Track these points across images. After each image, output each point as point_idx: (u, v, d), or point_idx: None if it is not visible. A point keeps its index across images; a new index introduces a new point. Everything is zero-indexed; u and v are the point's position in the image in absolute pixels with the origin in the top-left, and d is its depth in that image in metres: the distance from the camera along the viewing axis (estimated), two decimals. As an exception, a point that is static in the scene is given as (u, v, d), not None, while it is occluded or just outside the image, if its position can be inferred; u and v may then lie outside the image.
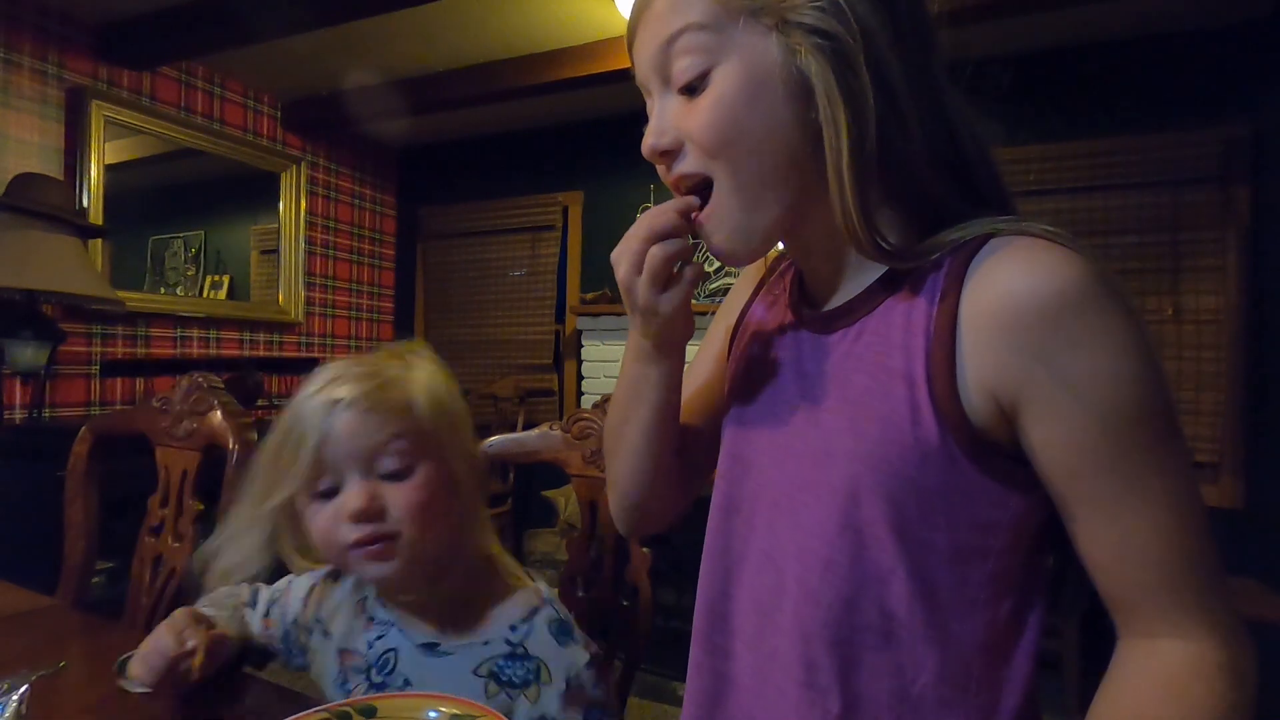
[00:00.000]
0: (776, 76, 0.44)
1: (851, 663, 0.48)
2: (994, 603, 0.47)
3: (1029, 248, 0.43)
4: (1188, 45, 2.43)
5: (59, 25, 2.44)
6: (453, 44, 2.69)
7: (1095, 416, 0.42)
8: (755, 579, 0.53)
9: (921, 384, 0.45)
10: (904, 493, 0.45)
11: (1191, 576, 0.43)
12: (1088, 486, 0.43)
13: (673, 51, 0.46)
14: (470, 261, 3.76)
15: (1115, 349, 0.42)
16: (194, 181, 3.07)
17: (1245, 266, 2.34)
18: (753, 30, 0.45)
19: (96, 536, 1.10)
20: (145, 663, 0.65)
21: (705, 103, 0.46)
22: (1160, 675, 0.43)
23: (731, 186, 0.47)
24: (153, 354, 2.79)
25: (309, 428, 0.60)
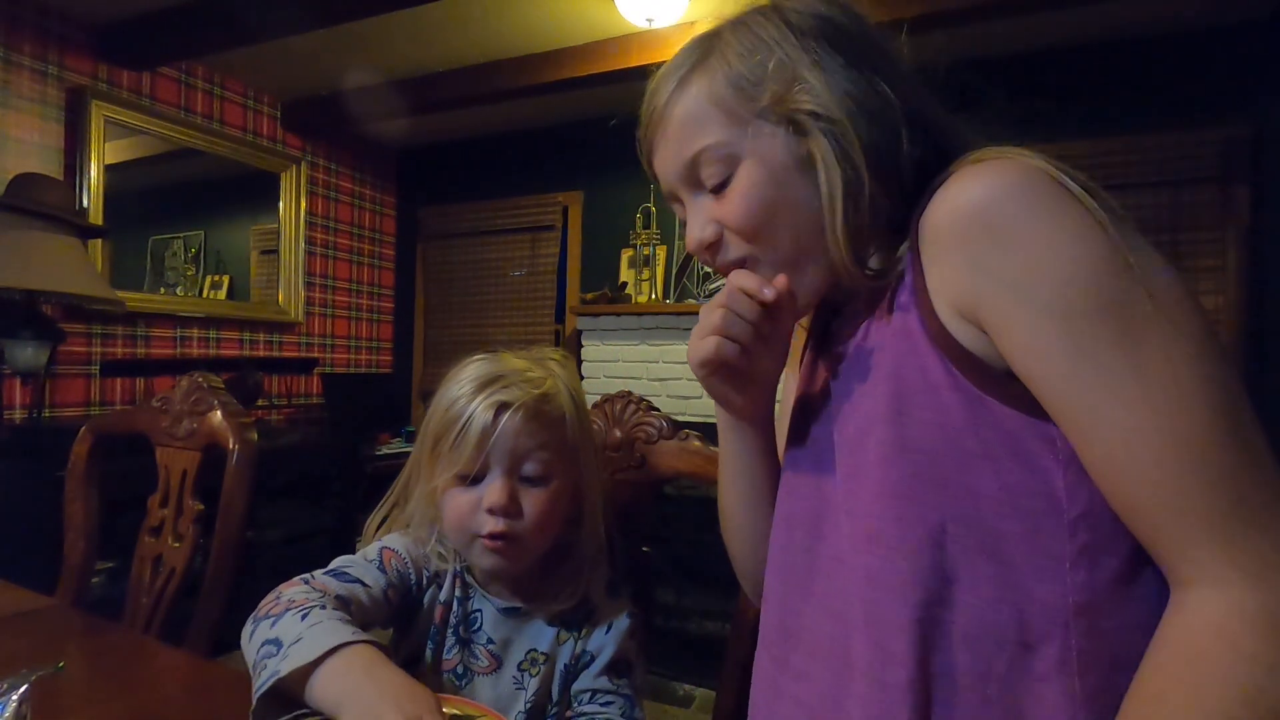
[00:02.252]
0: (790, 162, 0.50)
1: (925, 645, 0.44)
2: (1086, 561, 0.41)
3: (962, 172, 0.44)
4: (1188, 45, 2.43)
5: (59, 25, 2.44)
6: (453, 44, 2.69)
7: (1041, 312, 0.39)
8: (827, 585, 0.51)
9: (917, 330, 0.46)
10: (932, 439, 0.44)
11: (1207, 498, 0.36)
12: (1060, 396, 0.40)
13: (699, 162, 0.52)
14: (470, 261, 3.76)
15: (1047, 237, 0.40)
16: (194, 181, 3.07)
17: (1245, 266, 2.34)
18: (762, 129, 0.50)
19: (96, 536, 1.10)
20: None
21: (735, 196, 0.51)
22: (1180, 639, 0.37)
23: (773, 261, 0.52)
24: (153, 354, 2.79)
25: (475, 423, 0.65)
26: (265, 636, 0.57)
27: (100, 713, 0.65)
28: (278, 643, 0.56)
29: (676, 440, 0.86)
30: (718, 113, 0.51)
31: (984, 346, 0.43)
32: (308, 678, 0.54)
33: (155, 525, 1.04)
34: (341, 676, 0.54)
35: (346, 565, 0.69)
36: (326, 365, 3.54)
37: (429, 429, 0.69)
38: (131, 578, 1.03)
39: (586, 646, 0.72)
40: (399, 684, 0.53)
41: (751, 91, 0.50)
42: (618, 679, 0.71)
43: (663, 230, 3.23)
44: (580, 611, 0.73)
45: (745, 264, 0.53)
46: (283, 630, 0.57)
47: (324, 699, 0.53)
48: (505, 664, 0.70)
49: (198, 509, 1.01)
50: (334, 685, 0.53)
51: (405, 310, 3.95)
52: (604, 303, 3.18)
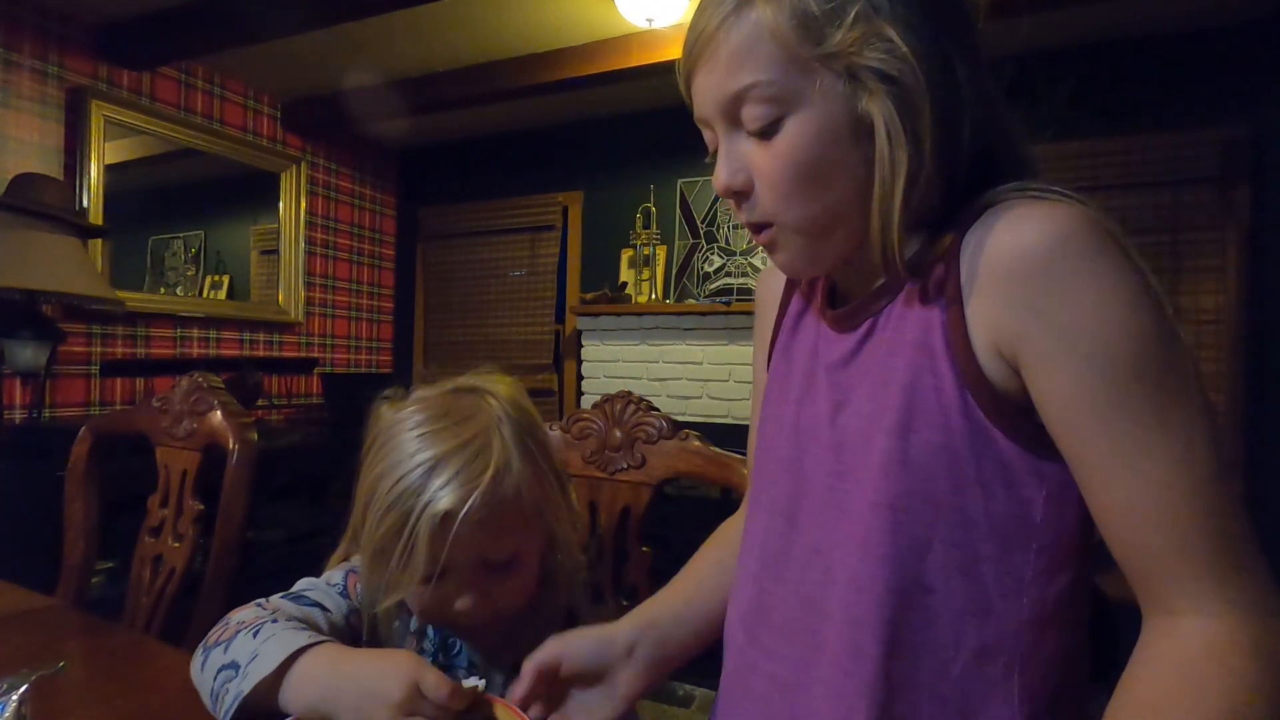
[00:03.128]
0: (844, 122, 0.45)
1: (895, 645, 0.47)
2: (1043, 582, 0.46)
3: (1019, 205, 0.44)
4: (1188, 45, 2.43)
5: (59, 25, 2.45)
6: (453, 44, 2.69)
7: (1087, 364, 0.41)
8: (802, 575, 0.53)
9: (940, 350, 0.46)
10: (934, 460, 0.45)
11: (1207, 543, 0.40)
12: (1087, 441, 0.42)
13: (742, 103, 0.47)
14: (470, 261, 3.76)
15: (1105, 295, 0.41)
16: (194, 181, 3.07)
17: (1245, 266, 2.34)
18: (822, 78, 0.45)
19: (96, 536, 1.10)
20: None
21: (780, 150, 0.46)
22: (1175, 658, 0.41)
23: (803, 225, 0.49)
24: (153, 354, 2.79)
25: (422, 542, 0.56)
26: (220, 663, 0.56)
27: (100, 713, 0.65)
28: (234, 665, 0.54)
29: (676, 440, 0.86)
30: (776, 48, 0.45)
31: (1005, 381, 0.45)
32: (275, 692, 0.53)
33: (155, 525, 1.04)
34: (312, 681, 0.53)
35: (307, 588, 0.66)
36: (326, 365, 3.54)
37: (371, 532, 0.60)
38: (131, 578, 1.03)
39: None
40: (375, 665, 0.53)
41: (820, 33, 0.44)
42: None
43: (663, 230, 3.24)
44: (567, 622, 0.69)
45: (769, 227, 0.50)
46: (236, 651, 0.55)
47: (304, 704, 0.53)
48: (490, 681, 0.66)
49: (198, 509, 1.01)
50: (308, 690, 0.53)
51: (405, 310, 3.96)
52: (604, 303, 3.18)
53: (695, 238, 3.20)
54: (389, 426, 0.62)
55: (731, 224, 3.13)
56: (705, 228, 3.18)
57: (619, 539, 0.89)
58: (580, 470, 0.92)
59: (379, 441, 0.63)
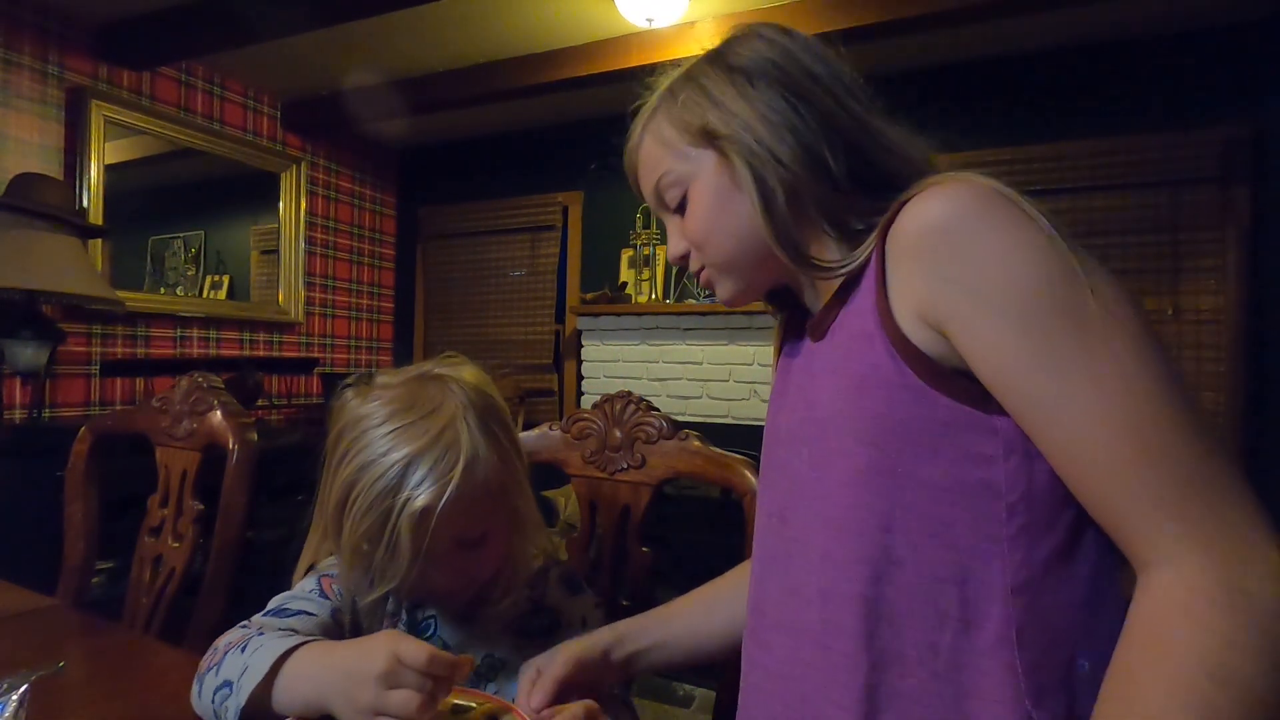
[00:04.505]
0: (724, 182, 0.57)
1: (875, 620, 0.48)
2: (1025, 543, 0.45)
3: (923, 193, 0.48)
4: (1188, 45, 2.43)
5: (59, 25, 2.44)
6: (453, 44, 2.69)
7: (1000, 317, 0.43)
8: (787, 565, 0.56)
9: (876, 332, 0.50)
10: (882, 432, 0.48)
11: (1159, 480, 0.39)
12: (1019, 393, 0.43)
13: (660, 191, 0.62)
14: (470, 261, 3.76)
15: (1004, 250, 0.43)
16: (194, 181, 3.07)
17: (1245, 266, 2.34)
18: (697, 154, 0.59)
19: (96, 536, 1.10)
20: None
21: (691, 215, 0.60)
22: (1143, 616, 0.40)
23: (724, 266, 0.61)
24: (153, 354, 2.79)
25: (405, 536, 0.59)
26: (214, 685, 0.57)
27: (100, 713, 0.65)
28: (228, 684, 0.56)
29: (676, 440, 0.86)
30: (667, 149, 0.60)
31: (936, 347, 0.47)
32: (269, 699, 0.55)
33: (155, 525, 1.04)
34: (302, 678, 0.55)
35: (285, 602, 0.68)
36: (326, 365, 3.54)
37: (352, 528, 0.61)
38: (131, 578, 1.03)
39: None
40: (357, 647, 0.55)
41: (686, 125, 0.58)
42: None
43: (662, 230, 3.23)
44: (541, 617, 0.72)
45: (703, 273, 0.62)
46: (228, 670, 0.57)
47: (299, 703, 0.55)
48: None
49: (198, 509, 1.01)
50: (300, 687, 0.55)
51: (405, 310, 3.95)
52: (604, 303, 3.18)
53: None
54: (357, 421, 0.64)
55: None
56: (705, 228, 3.17)
57: (619, 539, 0.89)
58: (580, 470, 0.92)
59: (348, 437, 0.64)
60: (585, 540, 0.92)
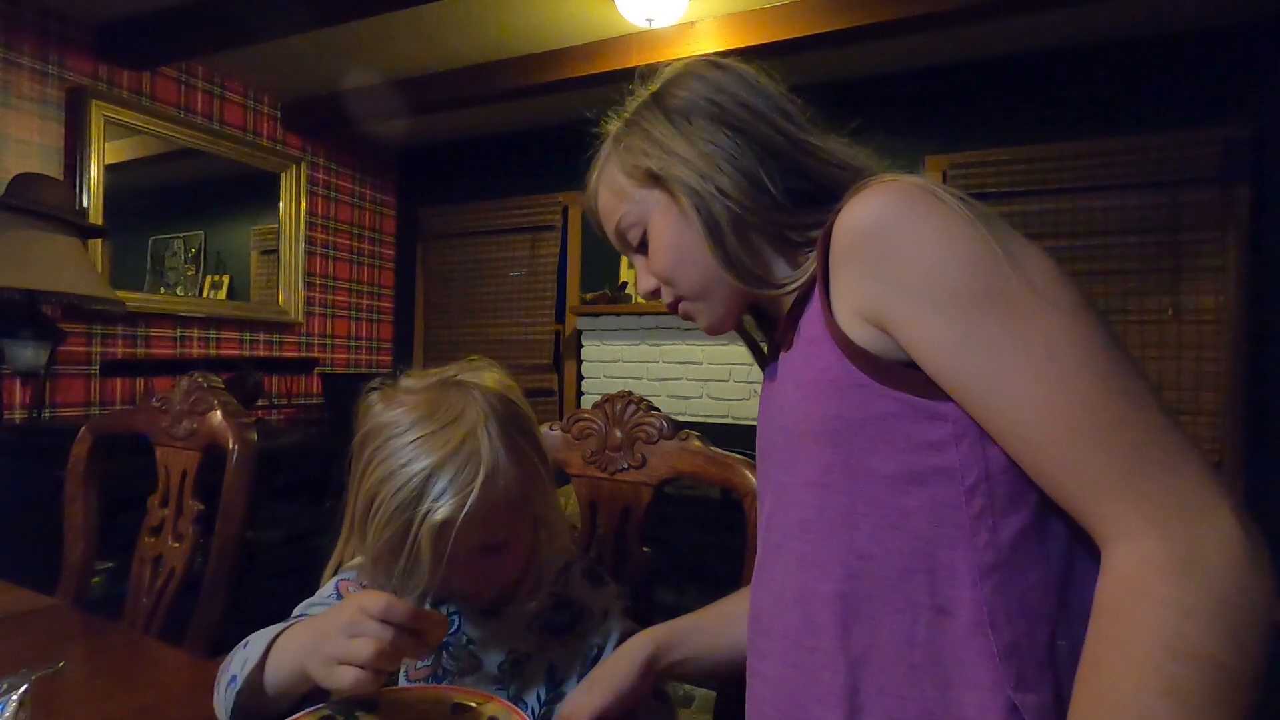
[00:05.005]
0: (674, 214, 0.60)
1: (850, 616, 0.49)
2: (988, 526, 0.45)
3: (858, 192, 0.49)
4: (1188, 45, 2.43)
5: (59, 25, 2.44)
6: (453, 44, 2.69)
7: (930, 306, 0.44)
8: (771, 572, 0.57)
9: (822, 334, 0.51)
10: (837, 430, 0.50)
11: (1103, 455, 0.39)
12: (959, 378, 0.44)
13: (620, 232, 0.65)
14: (470, 261, 3.76)
15: (927, 241, 0.44)
16: (194, 181, 3.07)
17: (1245, 266, 2.34)
18: (648, 194, 0.62)
19: (96, 536, 1.10)
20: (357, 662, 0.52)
21: (654, 253, 0.63)
22: (1104, 596, 0.39)
23: (695, 295, 0.63)
24: (153, 354, 2.79)
25: (427, 548, 0.60)
26: (224, 682, 0.61)
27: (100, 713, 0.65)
28: (234, 678, 0.60)
29: (676, 440, 0.86)
30: (619, 196, 0.64)
31: (880, 344, 0.48)
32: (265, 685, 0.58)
33: (155, 525, 1.04)
34: (286, 652, 0.58)
35: (304, 610, 0.69)
36: (326, 365, 3.54)
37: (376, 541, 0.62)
38: (131, 578, 1.03)
39: (595, 639, 0.72)
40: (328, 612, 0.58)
41: (632, 169, 0.62)
42: None
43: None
44: (564, 612, 0.73)
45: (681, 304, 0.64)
46: (233, 667, 0.61)
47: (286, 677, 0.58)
48: (485, 665, 0.69)
49: (198, 509, 1.01)
50: (284, 661, 0.58)
51: (405, 310, 3.95)
52: (604, 303, 3.18)
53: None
54: (381, 429, 0.65)
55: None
56: (705, 228, 3.18)
57: (619, 539, 0.89)
58: (580, 470, 0.92)
59: (372, 444, 0.65)
60: (585, 540, 0.92)
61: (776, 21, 2.32)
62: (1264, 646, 0.35)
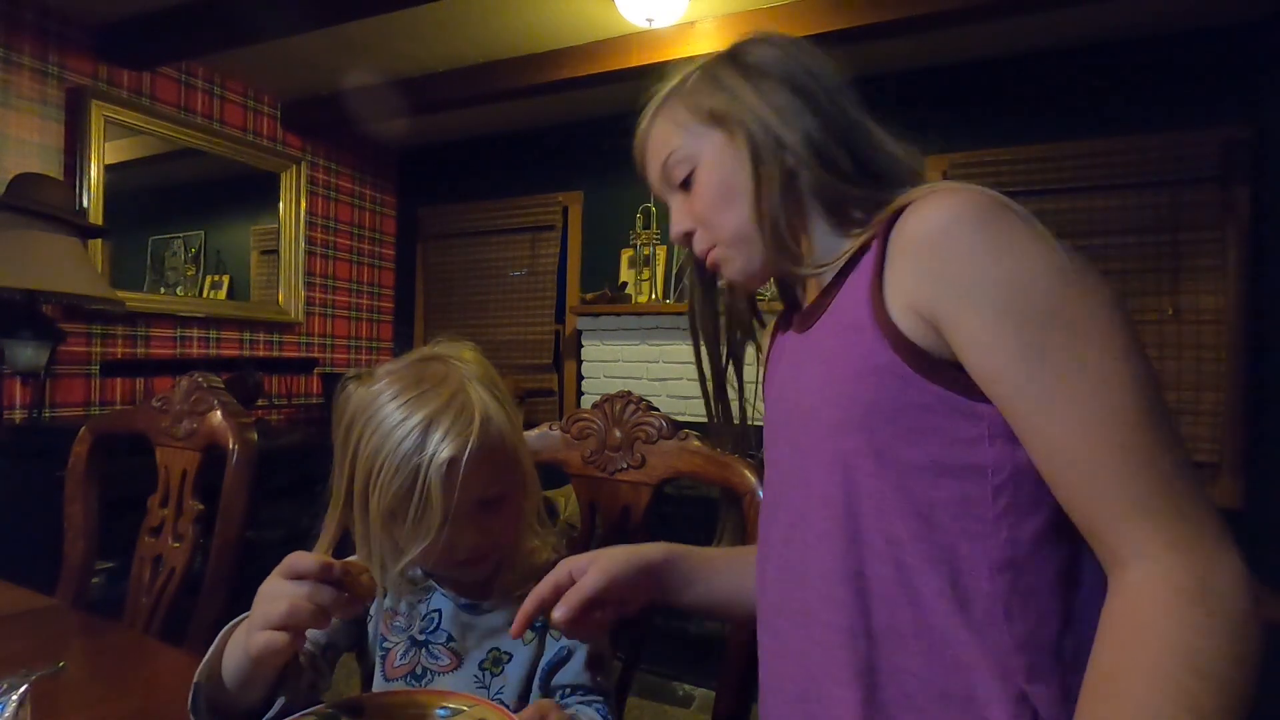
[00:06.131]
0: (729, 160, 0.60)
1: (870, 597, 0.50)
2: (1010, 523, 0.47)
3: (927, 197, 0.50)
4: (1188, 45, 2.43)
5: (59, 25, 2.44)
6: (453, 44, 2.69)
7: (996, 318, 0.45)
8: (785, 550, 0.58)
9: (868, 322, 0.52)
10: (873, 417, 0.50)
11: (1137, 483, 0.41)
12: (1008, 389, 0.45)
13: (668, 168, 0.64)
14: (470, 261, 3.76)
15: (1003, 252, 0.45)
16: (194, 181, 3.07)
17: (1245, 266, 2.34)
18: (707, 134, 0.62)
19: (96, 536, 1.10)
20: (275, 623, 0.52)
21: (697, 192, 0.63)
22: (1123, 613, 0.41)
23: (731, 241, 0.63)
24: (153, 354, 2.79)
25: (436, 489, 0.62)
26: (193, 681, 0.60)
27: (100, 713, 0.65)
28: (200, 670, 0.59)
29: (676, 440, 0.86)
30: (677, 127, 0.63)
31: (927, 339, 0.49)
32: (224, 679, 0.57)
33: (155, 525, 1.04)
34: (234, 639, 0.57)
35: None
36: (326, 365, 3.54)
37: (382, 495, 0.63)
38: (131, 578, 1.03)
39: (564, 642, 0.71)
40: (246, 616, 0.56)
41: (698, 106, 0.62)
42: (599, 675, 0.70)
43: (662, 230, 3.23)
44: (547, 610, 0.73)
45: (712, 250, 0.64)
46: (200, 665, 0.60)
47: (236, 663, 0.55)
48: (466, 662, 0.70)
49: (198, 509, 1.01)
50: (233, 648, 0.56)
51: (405, 310, 3.95)
52: (604, 303, 3.18)
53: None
54: (367, 404, 0.66)
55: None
56: (705, 228, 3.18)
57: (619, 539, 0.89)
58: (580, 470, 0.92)
59: (359, 421, 0.66)
60: (585, 540, 0.92)
61: (776, 21, 2.32)
62: (1259, 669, 0.38)
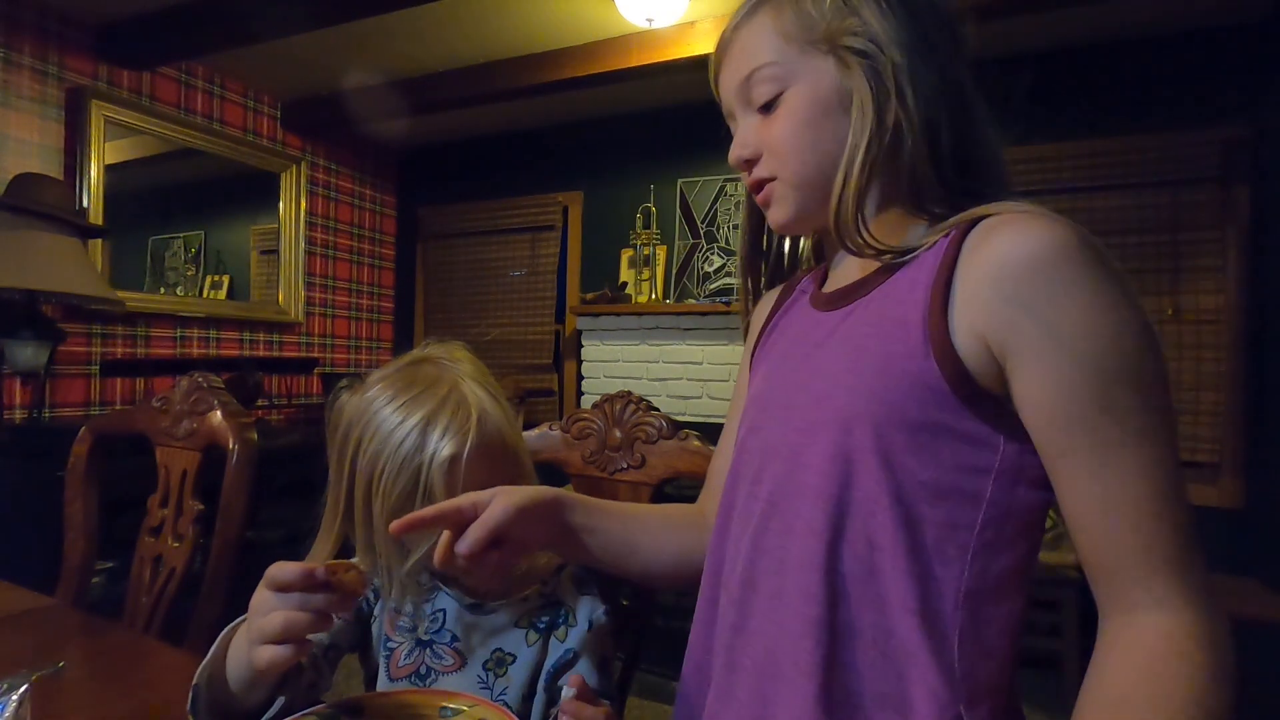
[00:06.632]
0: (833, 94, 0.54)
1: (840, 594, 0.50)
2: (984, 557, 0.48)
3: (1019, 216, 0.48)
4: (1188, 45, 2.43)
5: (59, 25, 2.45)
6: (453, 44, 2.69)
7: (1077, 365, 0.44)
8: (764, 526, 0.56)
9: (918, 324, 0.49)
10: (891, 422, 0.49)
11: (1171, 544, 0.43)
12: (1070, 438, 0.45)
13: (751, 83, 0.57)
14: (470, 261, 3.76)
15: (1099, 302, 0.44)
16: (194, 181, 3.07)
17: (1245, 266, 2.34)
18: (812, 56, 0.54)
19: (96, 536, 1.10)
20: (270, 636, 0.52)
21: (780, 116, 0.56)
22: (1140, 650, 0.43)
23: (796, 183, 0.57)
24: (153, 354, 2.79)
25: (436, 487, 0.63)
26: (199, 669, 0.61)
27: (100, 713, 0.65)
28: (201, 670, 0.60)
29: (676, 440, 0.86)
30: (776, 38, 0.55)
31: (978, 363, 0.48)
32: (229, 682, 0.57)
33: (155, 525, 1.04)
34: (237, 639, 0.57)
35: None
36: (326, 365, 3.54)
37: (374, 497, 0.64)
38: (131, 578, 1.03)
39: (569, 644, 0.70)
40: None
41: (811, 21, 0.54)
42: (604, 678, 0.70)
43: (663, 230, 3.24)
44: (552, 611, 0.72)
45: (771, 183, 0.58)
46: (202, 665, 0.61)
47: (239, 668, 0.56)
48: (470, 662, 0.70)
49: (198, 509, 1.01)
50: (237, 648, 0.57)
51: (405, 310, 3.95)
52: (604, 303, 3.18)
53: (695, 238, 3.20)
54: (362, 411, 0.67)
55: (731, 224, 3.12)
56: (705, 228, 3.18)
57: (619, 539, 0.89)
58: (580, 470, 0.92)
59: (356, 428, 0.66)
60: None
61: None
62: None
